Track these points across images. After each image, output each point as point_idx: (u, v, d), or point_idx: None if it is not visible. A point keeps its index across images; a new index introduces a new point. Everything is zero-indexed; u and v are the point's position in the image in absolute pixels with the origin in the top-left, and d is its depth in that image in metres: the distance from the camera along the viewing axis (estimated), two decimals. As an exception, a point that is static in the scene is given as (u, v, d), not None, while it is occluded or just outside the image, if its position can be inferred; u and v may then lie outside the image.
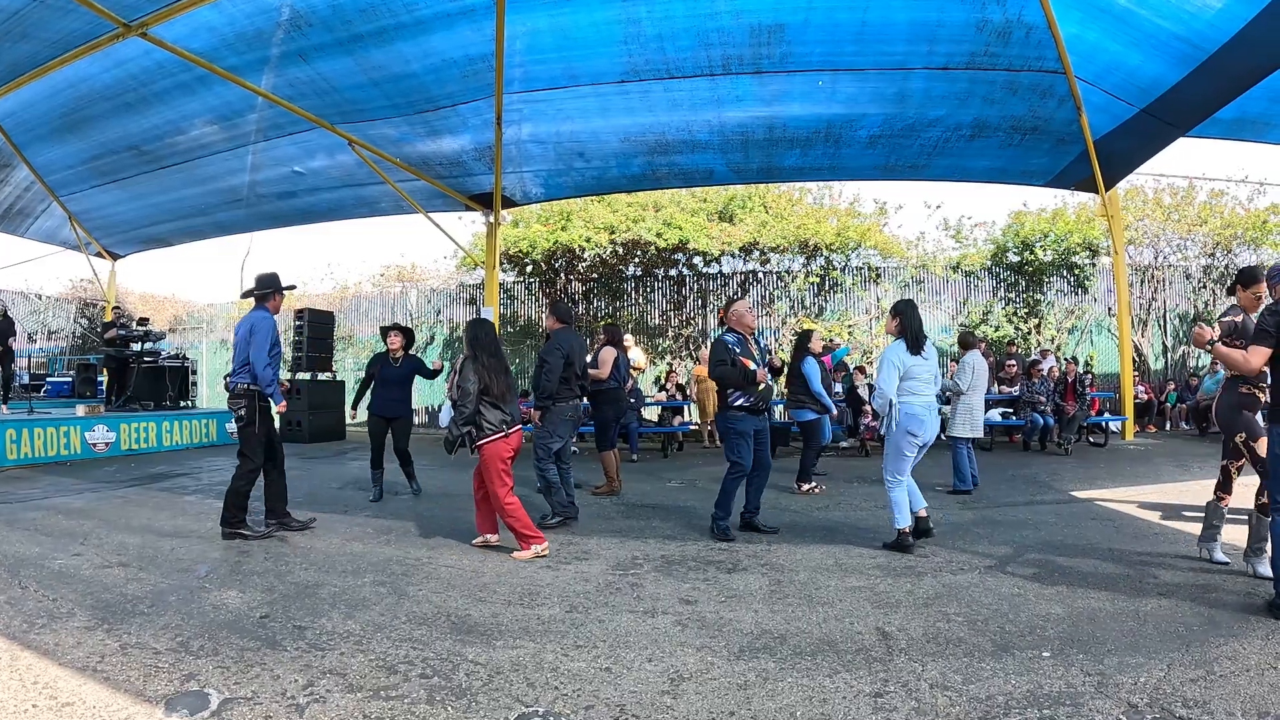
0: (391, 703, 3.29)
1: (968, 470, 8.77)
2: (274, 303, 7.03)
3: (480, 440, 5.91)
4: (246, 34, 10.12)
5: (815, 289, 18.21)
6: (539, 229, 17.94)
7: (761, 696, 3.34)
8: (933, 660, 3.70)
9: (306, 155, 14.20)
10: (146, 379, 15.31)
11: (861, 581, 5.11)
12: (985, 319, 17.56)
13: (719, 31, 10.14)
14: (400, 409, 8.90)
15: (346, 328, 21.94)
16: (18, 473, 10.79)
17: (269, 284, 7.02)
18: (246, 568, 5.62)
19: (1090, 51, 10.23)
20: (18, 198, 17.08)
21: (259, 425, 6.78)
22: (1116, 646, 3.82)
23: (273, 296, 7.03)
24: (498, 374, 6.03)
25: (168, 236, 19.98)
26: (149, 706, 3.26)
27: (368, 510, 8.06)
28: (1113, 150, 12.41)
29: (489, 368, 5.99)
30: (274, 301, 7.03)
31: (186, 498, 8.90)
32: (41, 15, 9.49)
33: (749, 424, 6.60)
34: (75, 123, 13.31)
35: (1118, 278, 14.23)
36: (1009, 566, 5.44)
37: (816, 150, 13.31)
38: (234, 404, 6.73)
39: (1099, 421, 14.02)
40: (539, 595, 4.88)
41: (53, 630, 4.20)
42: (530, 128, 12.92)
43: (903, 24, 9.92)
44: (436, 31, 10.15)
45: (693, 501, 8.46)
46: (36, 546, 6.27)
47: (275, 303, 7.05)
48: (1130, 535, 6.40)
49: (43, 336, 23.65)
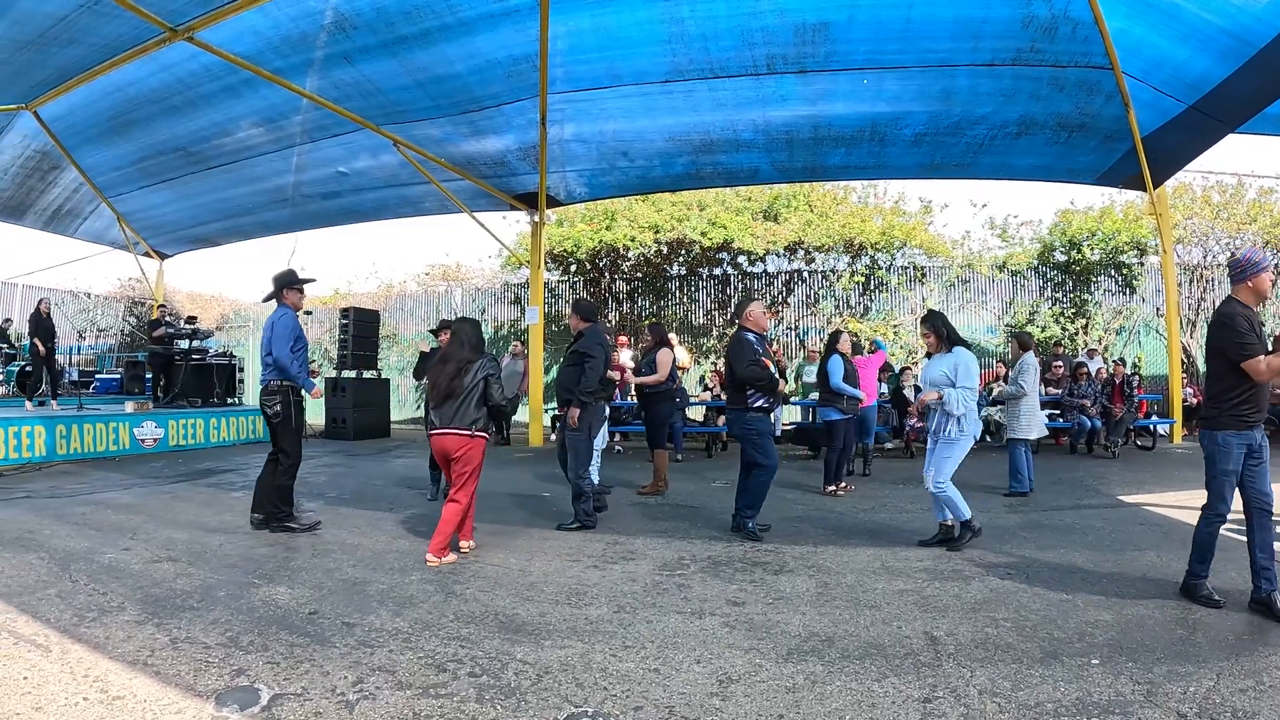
0: (441, 700, 3.31)
1: (1026, 472, 8.68)
2: (291, 298, 7.14)
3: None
4: (291, 37, 10.22)
5: (860, 288, 18.10)
6: (584, 228, 17.99)
7: (810, 700, 3.32)
8: (981, 666, 3.66)
9: (351, 156, 14.31)
10: (194, 376, 15.56)
11: (908, 585, 5.06)
12: (1031, 319, 17.30)
13: (763, 31, 10.08)
14: None
15: (391, 326, 22.13)
16: (66, 468, 11.02)
17: (284, 281, 7.15)
18: (295, 564, 5.68)
19: (1137, 46, 10.04)
20: (67, 199, 17.40)
21: (295, 419, 6.94)
22: (1166, 655, 3.76)
23: (289, 292, 7.14)
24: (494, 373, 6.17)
25: (214, 236, 20.25)
26: (200, 701, 3.30)
27: (414, 508, 8.11)
28: (1160, 147, 12.17)
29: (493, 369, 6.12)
30: (291, 297, 7.14)
31: (233, 494, 9.01)
32: (89, 21, 9.65)
33: (768, 424, 6.82)
34: (123, 125, 13.51)
35: (1166, 277, 13.95)
36: (1057, 572, 5.37)
37: (861, 149, 13.20)
38: (268, 400, 6.87)
39: (1146, 424, 13.79)
40: (586, 595, 4.89)
41: (103, 624, 4.27)
42: (574, 127, 12.91)
43: (947, 20, 9.79)
44: (480, 32, 10.17)
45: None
46: (86, 541, 6.39)
47: (292, 298, 7.16)
48: (1179, 541, 6.25)
49: (92, 334, 24.06)
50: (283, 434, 6.92)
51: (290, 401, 6.89)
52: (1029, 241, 18.15)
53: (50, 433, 11.48)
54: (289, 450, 6.94)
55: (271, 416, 6.89)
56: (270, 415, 6.89)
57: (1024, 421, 8.76)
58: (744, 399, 6.62)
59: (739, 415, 6.72)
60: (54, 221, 18.54)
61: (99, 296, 25.45)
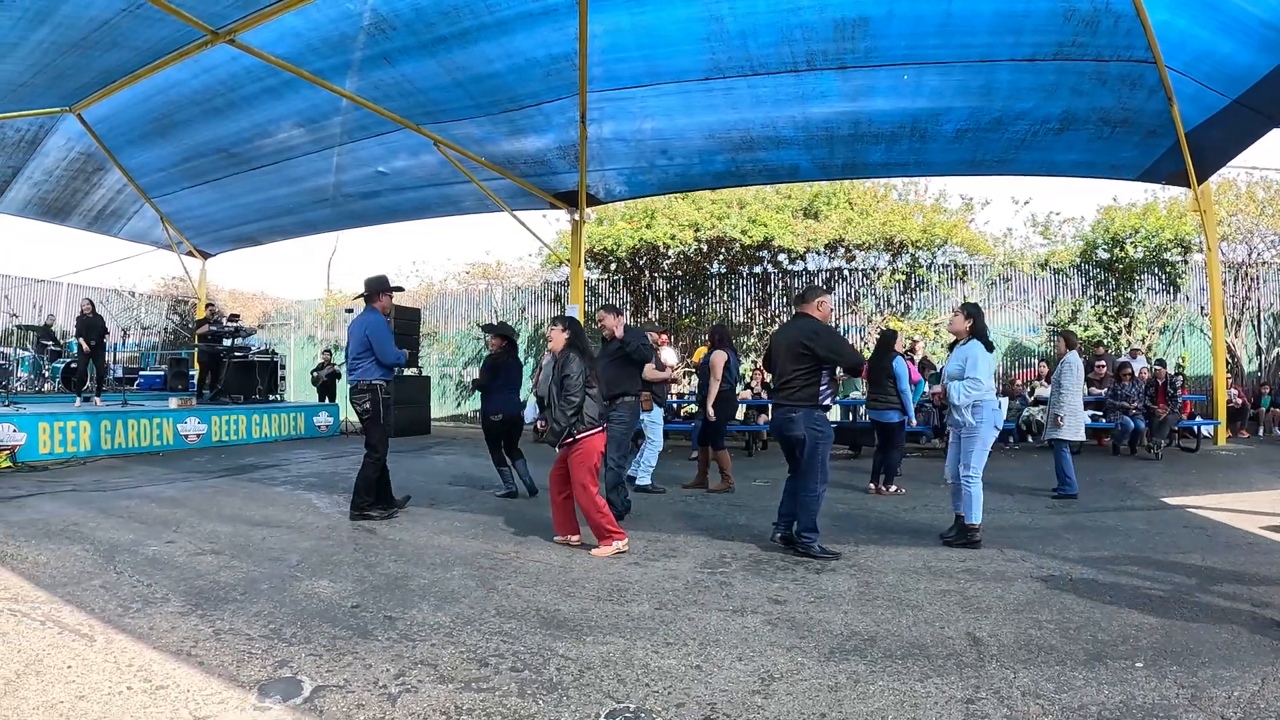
0: (483, 695, 3.32)
1: (1073, 474, 8.57)
2: (382, 302, 7.42)
3: (581, 433, 5.97)
4: (331, 38, 10.33)
5: (901, 287, 17.92)
6: (624, 226, 18.01)
7: (853, 699, 3.30)
8: (1024, 668, 3.61)
9: (391, 155, 14.45)
10: (237, 373, 15.80)
11: (951, 585, 5.02)
12: (1074, 318, 17.04)
13: (802, 27, 10.03)
14: (507, 406, 8.68)
15: (431, 324, 22.33)
16: (111, 462, 11.22)
17: (377, 285, 7.42)
18: (337, 558, 5.74)
19: (1180, 39, 9.87)
20: (110, 200, 17.75)
21: (383, 416, 7.23)
22: (1210, 659, 3.69)
23: (380, 296, 7.40)
24: (595, 368, 6.18)
25: (257, 235, 20.53)
26: (242, 692, 3.33)
27: (455, 504, 8.19)
28: (1204, 142, 11.96)
29: (590, 362, 6.12)
30: (381, 301, 7.42)
31: (276, 488, 9.14)
32: (131, 25, 9.83)
33: (830, 425, 6.07)
34: (165, 127, 13.75)
35: (1210, 275, 13.67)
36: (1100, 573, 5.29)
37: (901, 145, 13.09)
38: (358, 399, 7.17)
39: (1190, 426, 13.54)
40: (628, 592, 4.90)
41: (147, 615, 4.33)
42: (613, 125, 12.93)
43: (988, 14, 9.69)
44: (518, 32, 10.22)
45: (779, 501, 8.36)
46: (130, 533, 6.49)
47: (383, 302, 7.44)
48: (1223, 544, 6.17)
49: (136, 332, 24.46)
50: (371, 430, 7.24)
51: (379, 400, 7.17)
52: (1071, 239, 17.86)
53: (95, 428, 11.69)
54: (376, 445, 7.22)
55: (361, 414, 7.21)
56: (360, 413, 7.21)
57: (1071, 421, 8.64)
58: (814, 396, 5.84)
59: (808, 414, 5.84)
60: (98, 222, 18.92)
61: (143, 295, 25.89)
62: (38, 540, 6.15)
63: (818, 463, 5.82)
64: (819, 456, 5.81)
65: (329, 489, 9.09)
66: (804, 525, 5.87)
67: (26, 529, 6.58)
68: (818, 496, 5.85)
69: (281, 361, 17.50)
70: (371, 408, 7.14)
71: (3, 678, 3.42)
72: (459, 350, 22.13)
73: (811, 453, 5.82)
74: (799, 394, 5.84)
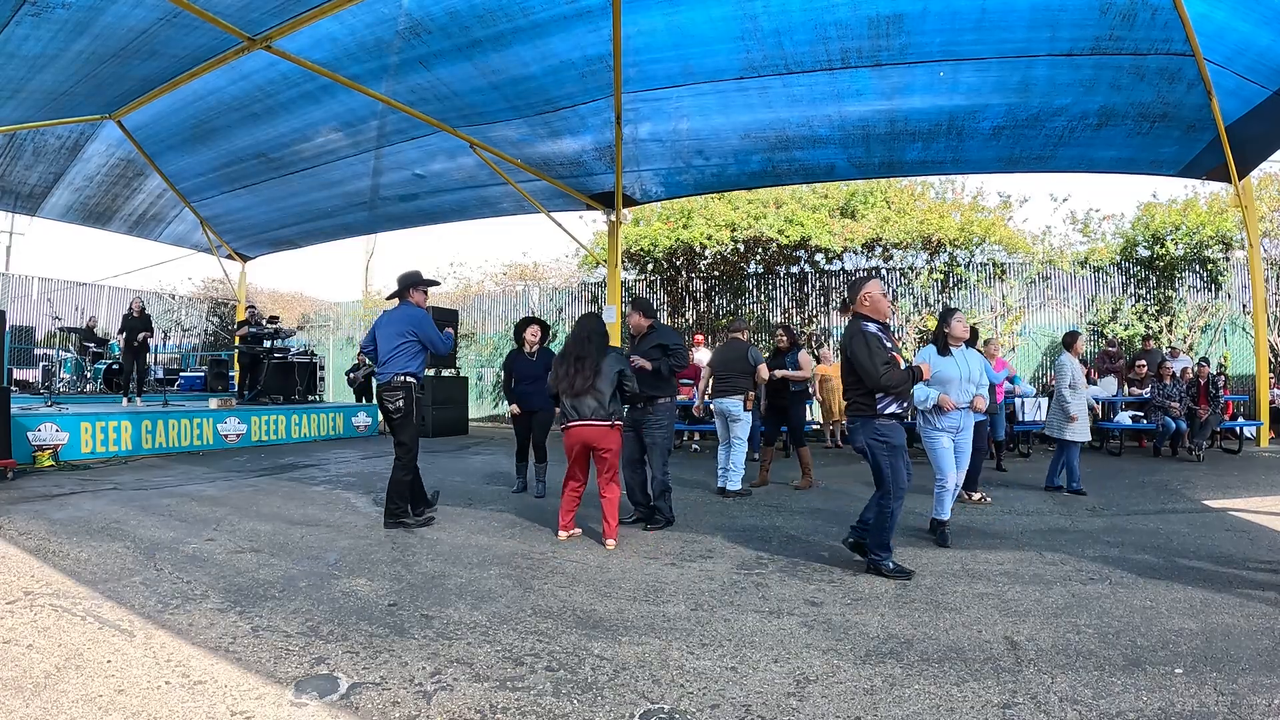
0: (518, 694, 3.34)
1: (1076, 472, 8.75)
2: (416, 297, 7.28)
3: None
4: (367, 43, 10.42)
5: (939, 286, 17.74)
6: (660, 227, 18.02)
7: (888, 703, 3.29)
8: (1062, 673, 3.58)
9: (428, 158, 14.55)
10: (277, 374, 16.02)
11: (989, 588, 4.97)
12: (1114, 316, 16.80)
13: (836, 25, 9.97)
14: (537, 401, 8.58)
15: (469, 325, 22.48)
16: (152, 461, 11.42)
17: (410, 280, 7.30)
18: (374, 557, 5.80)
19: (1219, 32, 9.69)
20: (150, 204, 18.06)
21: (415, 415, 7.04)
22: (1251, 665, 3.64)
23: (414, 292, 7.28)
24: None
25: (295, 239, 20.77)
26: (279, 688, 3.38)
27: (492, 504, 8.23)
28: (1245, 136, 11.72)
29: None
30: (416, 296, 7.28)
31: (314, 488, 9.24)
32: (169, 33, 10.00)
33: (902, 434, 5.45)
34: (204, 133, 13.95)
35: (1253, 273, 13.40)
36: (1140, 577, 5.22)
37: (938, 143, 12.96)
38: (390, 396, 6.93)
39: (1232, 427, 13.32)
40: (664, 592, 4.91)
41: (186, 611, 4.40)
42: (648, 126, 12.92)
43: (1024, 9, 9.57)
44: (553, 34, 10.25)
45: (816, 503, 8.39)
46: (171, 531, 6.60)
47: (418, 297, 7.30)
48: (1266, 548, 6.06)
49: (176, 334, 24.86)
50: (402, 428, 6.97)
51: (412, 397, 6.97)
52: (1111, 236, 17.58)
53: (136, 428, 11.91)
54: (407, 444, 6.99)
55: (393, 412, 6.93)
56: (392, 410, 6.93)
57: (1082, 422, 8.73)
58: (870, 404, 5.35)
59: (866, 424, 5.40)
60: (139, 226, 19.27)
61: (183, 298, 26.31)
62: (79, 537, 6.28)
63: (884, 476, 5.36)
64: (884, 469, 5.36)
65: (367, 489, 9.18)
66: (872, 543, 5.48)
67: (69, 526, 6.71)
68: (888, 513, 5.36)
69: (320, 362, 17.68)
70: (405, 405, 6.91)
71: (44, 671, 3.50)
72: (496, 351, 22.24)
73: (875, 465, 5.42)
74: (856, 403, 5.49)
